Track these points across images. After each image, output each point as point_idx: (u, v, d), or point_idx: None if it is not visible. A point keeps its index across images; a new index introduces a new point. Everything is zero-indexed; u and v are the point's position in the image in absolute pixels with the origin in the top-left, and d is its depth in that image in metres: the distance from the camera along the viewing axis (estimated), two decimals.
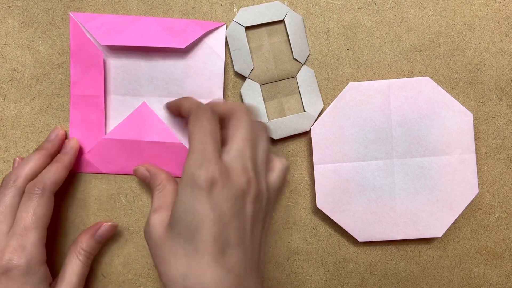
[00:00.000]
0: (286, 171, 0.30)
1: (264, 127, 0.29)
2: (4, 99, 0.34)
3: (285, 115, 0.34)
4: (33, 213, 0.30)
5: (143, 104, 0.34)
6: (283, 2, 0.34)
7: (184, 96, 0.34)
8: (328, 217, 0.35)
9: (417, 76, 0.34)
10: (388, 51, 0.34)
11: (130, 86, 0.34)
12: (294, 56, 0.34)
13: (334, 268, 0.35)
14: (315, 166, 0.34)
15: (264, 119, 0.34)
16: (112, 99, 0.34)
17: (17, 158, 0.33)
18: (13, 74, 0.34)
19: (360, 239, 0.34)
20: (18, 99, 0.34)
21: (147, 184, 0.33)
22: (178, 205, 0.26)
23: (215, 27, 0.34)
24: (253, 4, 0.34)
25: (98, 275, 0.35)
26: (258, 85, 0.34)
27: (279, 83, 0.34)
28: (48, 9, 0.34)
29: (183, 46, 0.33)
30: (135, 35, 0.33)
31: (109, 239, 0.35)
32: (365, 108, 0.33)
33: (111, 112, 0.34)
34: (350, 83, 0.33)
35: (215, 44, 0.34)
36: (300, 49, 0.34)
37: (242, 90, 0.34)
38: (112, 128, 0.34)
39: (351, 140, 0.34)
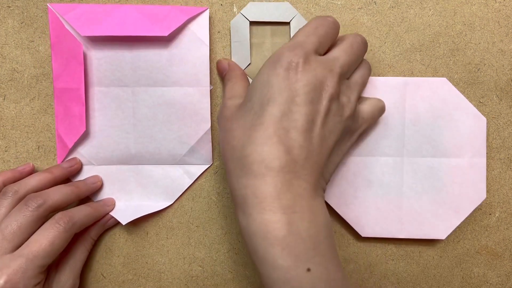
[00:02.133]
0: (380, 109, 0.31)
1: (369, 64, 0.31)
2: (4, 99, 0.34)
3: None
4: (52, 242, 0.28)
5: None
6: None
7: (171, 82, 0.33)
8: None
9: (417, 76, 0.34)
10: (388, 51, 0.34)
11: (114, 77, 0.33)
12: None
13: None
14: None
15: None
16: (96, 91, 0.33)
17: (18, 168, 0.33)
18: (13, 74, 0.34)
19: (363, 234, 0.34)
20: (18, 99, 0.34)
21: (222, 77, 0.34)
22: (257, 77, 0.27)
23: (198, 12, 0.33)
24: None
25: (98, 275, 0.35)
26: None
27: None
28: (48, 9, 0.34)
29: (166, 33, 0.32)
30: (116, 24, 0.32)
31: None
32: None
33: (95, 105, 0.33)
34: None
35: (198, 30, 0.33)
36: None
37: None
38: (97, 120, 0.34)
39: (362, 133, 0.33)
